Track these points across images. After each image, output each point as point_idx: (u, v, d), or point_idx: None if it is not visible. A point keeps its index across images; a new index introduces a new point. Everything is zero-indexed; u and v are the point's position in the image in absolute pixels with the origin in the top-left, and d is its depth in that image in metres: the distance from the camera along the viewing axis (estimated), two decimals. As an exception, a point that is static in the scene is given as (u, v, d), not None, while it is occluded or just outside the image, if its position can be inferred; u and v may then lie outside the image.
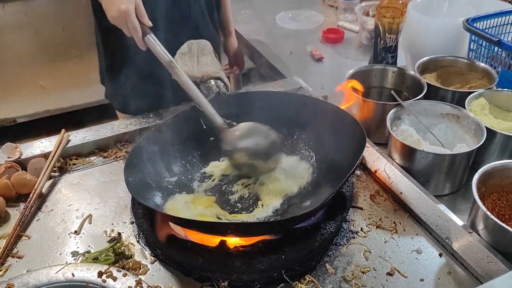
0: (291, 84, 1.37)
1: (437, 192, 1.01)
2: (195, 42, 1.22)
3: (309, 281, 0.82)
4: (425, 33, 1.38)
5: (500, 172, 0.91)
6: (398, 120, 1.10)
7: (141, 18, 1.01)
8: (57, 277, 0.79)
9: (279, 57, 1.65)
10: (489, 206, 0.90)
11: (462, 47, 1.37)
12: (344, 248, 0.89)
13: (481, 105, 1.11)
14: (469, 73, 1.26)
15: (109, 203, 1.01)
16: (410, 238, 0.91)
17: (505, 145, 1.01)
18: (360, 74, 1.25)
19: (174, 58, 1.20)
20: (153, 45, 1.02)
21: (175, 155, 1.04)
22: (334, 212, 0.89)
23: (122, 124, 1.21)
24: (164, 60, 1.02)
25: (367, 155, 1.08)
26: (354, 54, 1.69)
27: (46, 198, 1.03)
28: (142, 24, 1.02)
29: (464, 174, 1.02)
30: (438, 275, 0.84)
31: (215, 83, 1.13)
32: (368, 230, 0.93)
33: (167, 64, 1.01)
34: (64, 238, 0.93)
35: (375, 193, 1.02)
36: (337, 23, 1.89)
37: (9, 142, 1.11)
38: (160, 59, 1.02)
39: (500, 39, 1.18)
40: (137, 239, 0.92)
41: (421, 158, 0.98)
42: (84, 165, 1.13)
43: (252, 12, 2.03)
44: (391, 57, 1.36)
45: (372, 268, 0.85)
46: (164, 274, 0.85)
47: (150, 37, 1.02)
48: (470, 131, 1.05)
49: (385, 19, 1.30)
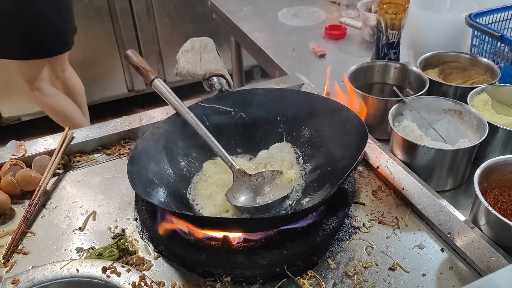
0: (293, 81, 1.37)
1: (439, 187, 1.01)
2: (198, 39, 1.22)
3: (311, 276, 0.83)
4: (427, 28, 1.38)
5: (502, 167, 0.91)
6: (400, 116, 1.10)
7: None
8: (61, 273, 0.80)
9: (281, 54, 1.65)
10: (491, 201, 0.90)
11: (465, 42, 1.36)
12: (346, 244, 0.90)
13: (484, 100, 1.11)
14: (472, 69, 1.26)
15: (113, 200, 1.02)
16: (412, 233, 0.92)
17: (507, 140, 1.01)
18: (362, 70, 1.25)
19: (177, 56, 1.21)
20: (161, 89, 1.05)
21: (178, 152, 1.04)
22: (336, 207, 0.89)
23: (125, 121, 1.21)
24: (174, 105, 1.03)
25: (369, 151, 1.08)
26: (357, 51, 1.69)
27: (50, 195, 1.04)
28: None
29: (466, 169, 1.02)
30: (440, 270, 0.84)
31: (218, 80, 1.13)
32: (370, 225, 0.94)
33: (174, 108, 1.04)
34: (68, 234, 0.94)
35: (377, 189, 1.02)
36: (339, 20, 1.89)
37: (14, 140, 1.12)
38: (170, 103, 1.04)
39: (502, 34, 1.17)
40: (140, 235, 0.93)
41: (423, 153, 0.98)
42: (88, 162, 1.14)
43: (254, 9, 2.03)
44: (394, 53, 1.36)
45: (374, 263, 0.86)
46: (168, 269, 0.86)
47: (157, 81, 1.06)
48: (472, 126, 1.05)
49: (387, 15, 1.30)
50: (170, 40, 2.97)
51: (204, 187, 0.99)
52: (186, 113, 1.01)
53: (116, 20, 2.78)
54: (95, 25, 2.73)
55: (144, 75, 1.09)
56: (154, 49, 2.99)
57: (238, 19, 1.92)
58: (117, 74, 2.97)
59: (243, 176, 0.95)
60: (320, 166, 1.02)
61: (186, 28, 2.97)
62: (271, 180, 0.95)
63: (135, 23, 2.84)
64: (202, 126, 1.00)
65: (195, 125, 1.00)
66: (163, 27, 2.93)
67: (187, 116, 1.01)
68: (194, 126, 1.00)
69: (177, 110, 1.03)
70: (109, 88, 3.01)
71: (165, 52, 3.02)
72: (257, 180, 0.95)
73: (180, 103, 1.03)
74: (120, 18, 2.78)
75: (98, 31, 2.77)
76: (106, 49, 2.85)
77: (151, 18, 2.87)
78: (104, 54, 2.87)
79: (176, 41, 2.88)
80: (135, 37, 2.89)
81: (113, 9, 2.74)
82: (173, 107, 1.04)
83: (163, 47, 2.99)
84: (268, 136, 1.10)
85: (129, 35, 2.87)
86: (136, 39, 2.90)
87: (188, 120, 1.01)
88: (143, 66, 1.09)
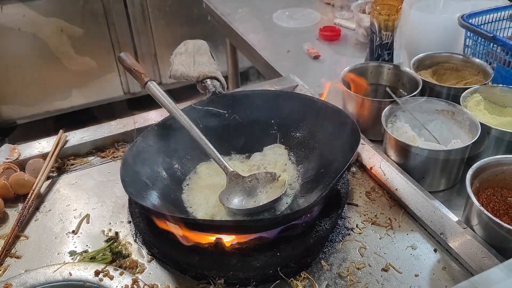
0: (287, 83, 1.37)
1: (433, 188, 1.02)
2: (191, 42, 1.23)
3: (304, 277, 0.83)
4: (421, 29, 1.38)
5: (494, 167, 0.92)
6: (394, 117, 1.10)
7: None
8: (54, 277, 0.79)
9: (276, 56, 1.65)
10: (483, 202, 0.90)
11: (458, 43, 1.37)
12: (339, 245, 0.90)
13: (476, 101, 1.11)
14: (465, 69, 1.26)
15: (106, 203, 1.02)
16: (405, 234, 0.92)
17: (500, 141, 1.01)
18: (356, 72, 1.25)
19: (171, 58, 1.21)
20: (152, 90, 1.04)
21: (171, 154, 1.04)
22: (330, 209, 0.90)
23: (119, 124, 1.21)
24: (168, 107, 1.03)
25: (363, 152, 1.08)
26: (351, 52, 1.70)
27: (44, 198, 1.04)
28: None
29: (459, 170, 1.03)
30: (432, 271, 0.84)
31: (211, 82, 1.14)
32: (363, 226, 0.94)
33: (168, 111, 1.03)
34: (62, 238, 0.94)
35: (371, 190, 1.03)
36: (333, 21, 1.89)
37: (8, 143, 1.12)
38: (164, 106, 1.03)
39: (495, 35, 1.18)
40: (134, 238, 0.93)
41: (416, 154, 0.99)
42: (82, 165, 1.14)
43: (249, 10, 2.03)
44: (387, 54, 1.36)
45: (367, 264, 0.86)
46: (161, 272, 0.86)
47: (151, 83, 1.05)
48: (465, 127, 1.05)
49: (380, 16, 1.30)
50: (165, 42, 2.96)
51: (198, 190, 0.99)
52: (179, 116, 1.01)
53: (111, 22, 2.77)
54: (90, 27, 2.73)
55: (137, 77, 1.09)
56: (150, 52, 2.99)
57: (233, 21, 1.93)
58: (113, 76, 2.97)
59: (236, 178, 0.95)
60: (314, 168, 1.02)
61: (181, 31, 2.96)
62: (265, 182, 0.95)
63: (130, 26, 2.84)
64: (196, 128, 1.00)
65: (189, 127, 1.00)
66: (159, 30, 2.93)
67: (181, 118, 1.01)
68: (187, 128, 1.00)
69: (171, 113, 1.03)
70: (105, 91, 3.00)
71: (160, 55, 3.01)
72: (250, 182, 0.95)
73: (173, 105, 1.03)
74: (116, 21, 2.78)
75: (94, 33, 2.76)
76: (102, 51, 2.85)
77: (146, 21, 2.87)
78: (100, 56, 2.86)
79: (172, 43, 2.85)
80: (130, 40, 2.89)
81: (109, 12, 2.73)
82: (166, 109, 1.04)
83: (158, 49, 2.99)
84: (262, 138, 1.10)
85: (125, 37, 2.86)
86: (132, 42, 2.90)
87: (182, 122, 1.01)
88: (137, 69, 1.09)
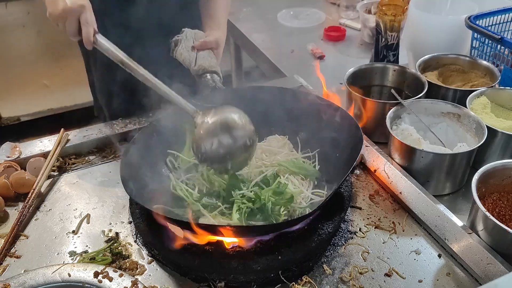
0: (291, 83, 1.36)
1: (437, 192, 1.00)
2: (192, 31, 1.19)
3: (306, 282, 0.81)
4: (427, 30, 1.37)
5: (500, 172, 0.90)
6: (399, 119, 1.09)
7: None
8: (53, 277, 0.79)
9: (280, 56, 1.64)
10: (489, 207, 0.89)
11: (465, 44, 1.35)
12: (342, 249, 0.88)
13: (483, 103, 1.10)
14: (471, 71, 1.25)
15: (107, 203, 1.01)
16: (409, 238, 0.91)
17: (507, 144, 1.00)
18: (361, 73, 1.24)
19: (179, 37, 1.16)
20: (102, 44, 0.96)
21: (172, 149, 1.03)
22: (333, 212, 0.88)
23: (121, 123, 1.20)
24: (117, 58, 0.94)
25: (367, 154, 1.07)
26: (356, 52, 1.68)
27: (44, 197, 1.03)
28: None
29: (464, 173, 1.01)
30: (436, 276, 0.83)
31: (211, 77, 1.12)
32: (366, 230, 0.92)
33: (120, 62, 0.94)
34: (62, 238, 0.93)
35: (374, 193, 1.01)
36: (339, 21, 1.88)
37: (9, 142, 1.11)
38: (111, 57, 0.94)
39: (502, 37, 1.16)
40: (134, 239, 0.92)
41: (421, 157, 0.97)
42: (83, 165, 1.13)
43: (254, 10, 2.02)
44: (393, 55, 1.35)
45: (370, 269, 0.84)
46: (161, 274, 0.85)
47: (99, 36, 0.97)
48: (471, 130, 1.03)
49: (386, 17, 1.29)
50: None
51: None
52: (136, 68, 0.93)
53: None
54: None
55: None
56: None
57: (238, 20, 1.92)
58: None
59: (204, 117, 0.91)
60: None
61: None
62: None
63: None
64: (153, 77, 0.93)
65: (145, 77, 0.92)
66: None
67: (137, 71, 0.92)
68: (143, 78, 0.92)
69: (124, 65, 0.93)
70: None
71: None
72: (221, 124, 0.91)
73: (126, 56, 0.94)
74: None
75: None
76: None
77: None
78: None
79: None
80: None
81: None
82: (119, 62, 0.94)
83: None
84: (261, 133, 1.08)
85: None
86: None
87: (137, 75, 0.93)
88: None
